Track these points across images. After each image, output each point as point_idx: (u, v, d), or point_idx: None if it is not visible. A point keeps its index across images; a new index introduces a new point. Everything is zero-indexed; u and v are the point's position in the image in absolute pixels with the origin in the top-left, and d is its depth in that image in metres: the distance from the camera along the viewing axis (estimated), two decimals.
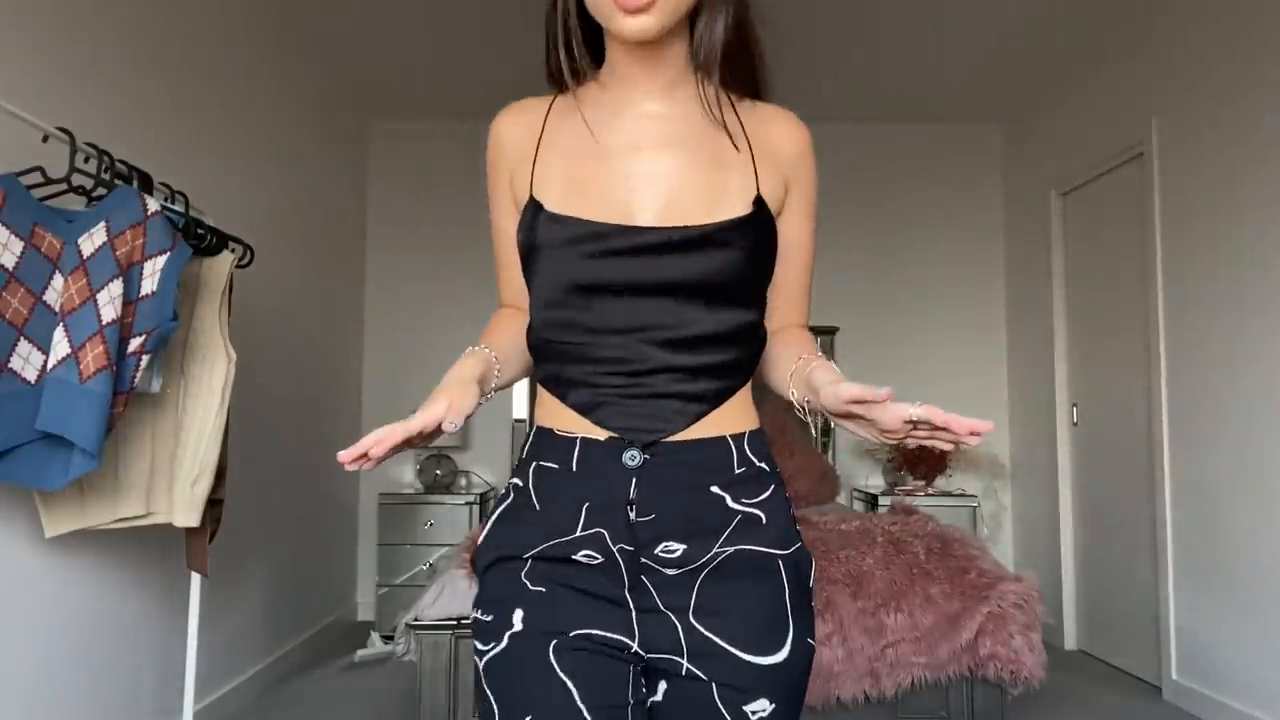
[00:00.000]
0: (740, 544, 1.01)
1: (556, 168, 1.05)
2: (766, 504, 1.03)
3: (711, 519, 1.00)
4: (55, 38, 2.38)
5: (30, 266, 1.97)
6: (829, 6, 3.85)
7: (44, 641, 2.32)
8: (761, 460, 1.05)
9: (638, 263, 1.00)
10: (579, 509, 1.00)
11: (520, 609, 0.99)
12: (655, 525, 0.99)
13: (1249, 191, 3.17)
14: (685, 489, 1.00)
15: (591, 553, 0.99)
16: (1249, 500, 3.14)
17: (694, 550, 1.00)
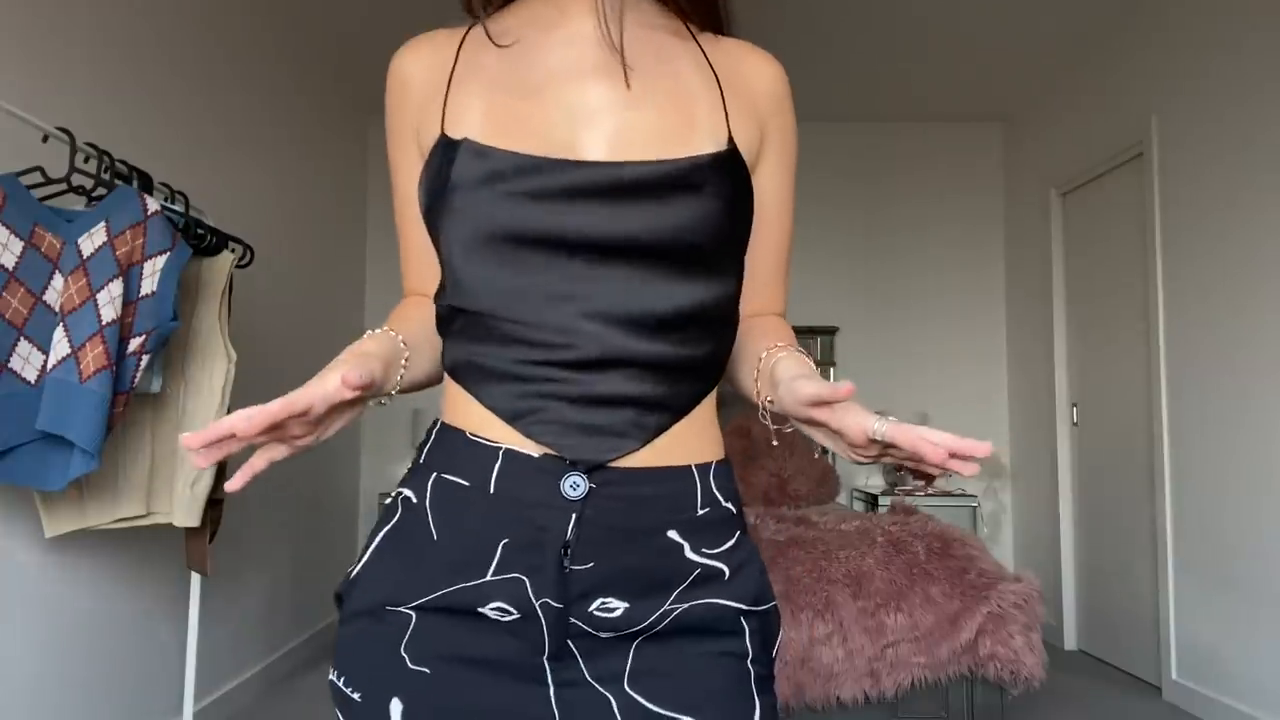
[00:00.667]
0: (699, 598, 0.79)
1: (475, 100, 0.81)
2: (731, 555, 0.81)
3: (664, 572, 0.78)
4: (55, 38, 2.38)
5: (30, 266, 1.97)
6: (829, 6, 3.85)
7: (44, 641, 2.32)
8: (728, 499, 0.83)
9: (585, 210, 0.76)
10: (494, 545, 0.76)
11: (398, 699, 0.76)
12: (593, 575, 0.76)
13: (1249, 191, 3.17)
14: (638, 532, 0.77)
15: (505, 606, 0.76)
16: (1249, 500, 3.14)
17: (637, 611, 0.77)
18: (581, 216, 0.76)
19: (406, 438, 4.98)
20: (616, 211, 0.76)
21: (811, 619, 2.63)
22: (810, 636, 2.61)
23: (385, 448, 5.05)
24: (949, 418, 4.90)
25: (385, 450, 5.05)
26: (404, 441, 5.00)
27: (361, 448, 5.05)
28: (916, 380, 5.03)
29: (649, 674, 0.77)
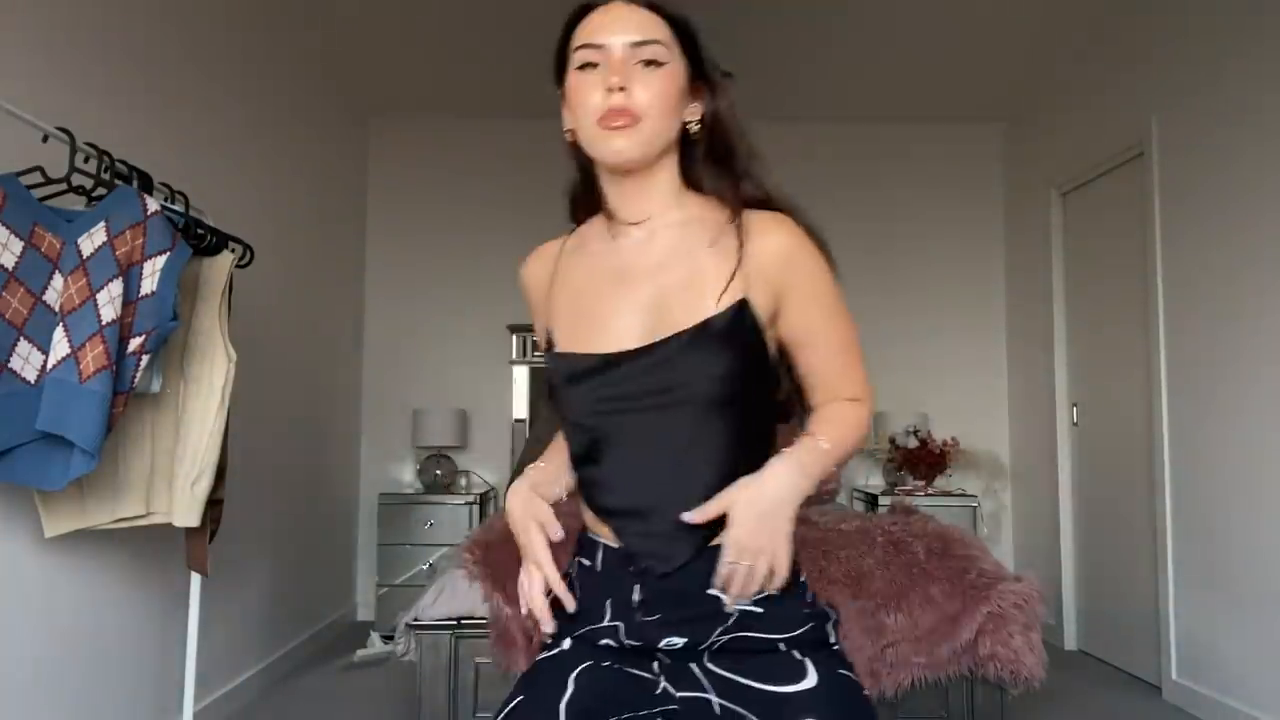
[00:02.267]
0: (738, 632, 1.10)
1: (564, 308, 1.19)
2: (767, 601, 1.10)
3: (709, 614, 1.10)
4: (55, 38, 2.38)
5: (30, 266, 1.97)
6: (829, 7, 3.85)
7: (44, 641, 2.32)
8: None
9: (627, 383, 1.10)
10: (604, 603, 1.15)
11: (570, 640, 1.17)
12: (659, 623, 1.11)
13: (1249, 191, 3.16)
14: (684, 593, 1.11)
15: (611, 641, 1.14)
16: (1249, 500, 3.14)
17: (695, 639, 1.11)
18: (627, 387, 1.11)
19: (406, 438, 4.98)
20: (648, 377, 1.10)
21: None
22: None
23: (385, 448, 5.05)
24: (949, 418, 4.89)
25: (385, 450, 5.05)
26: (404, 441, 5.00)
27: (361, 448, 5.04)
28: (916, 380, 5.02)
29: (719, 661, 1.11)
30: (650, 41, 1.11)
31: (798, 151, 5.11)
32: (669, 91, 1.12)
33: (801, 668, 1.08)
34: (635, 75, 1.10)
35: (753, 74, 4.64)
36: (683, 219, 1.16)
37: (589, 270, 1.18)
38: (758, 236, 1.12)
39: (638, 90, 1.09)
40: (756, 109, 5.83)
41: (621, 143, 1.09)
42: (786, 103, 4.92)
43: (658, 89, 1.10)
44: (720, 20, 3.98)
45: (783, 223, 1.15)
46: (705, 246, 1.13)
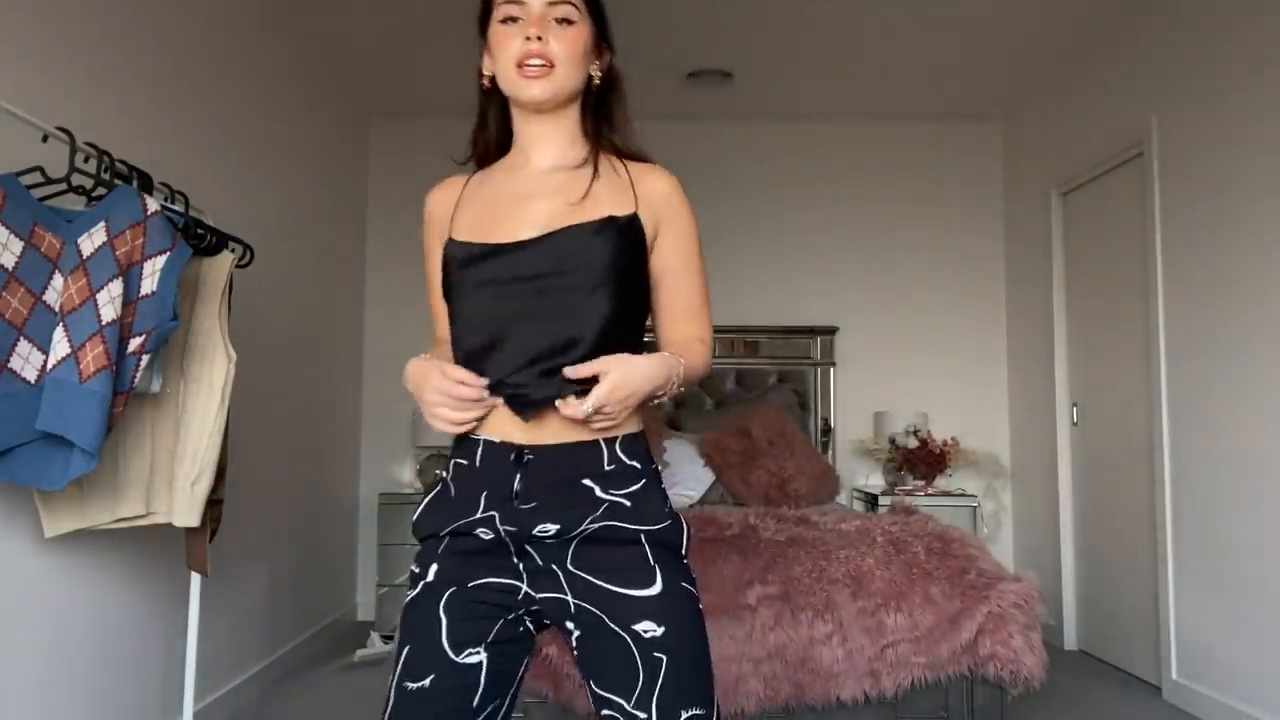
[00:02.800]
0: (606, 521, 1.23)
1: (467, 217, 1.35)
2: (635, 494, 1.26)
3: (582, 504, 1.24)
4: (55, 38, 2.38)
5: (30, 266, 1.97)
6: (828, 6, 3.85)
7: (44, 641, 2.32)
8: (634, 459, 1.27)
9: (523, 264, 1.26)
10: (479, 496, 1.26)
11: (435, 565, 1.28)
12: (534, 511, 1.23)
13: (1249, 191, 3.17)
14: (560, 482, 1.24)
15: (486, 530, 1.25)
16: (1249, 500, 3.14)
17: (566, 527, 1.23)
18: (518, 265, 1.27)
19: (406, 438, 4.98)
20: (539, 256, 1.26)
21: (811, 619, 2.63)
22: (810, 636, 2.61)
23: (385, 448, 5.05)
24: (949, 418, 4.89)
25: (385, 450, 5.05)
26: (404, 441, 5.00)
27: (361, 448, 5.04)
28: (916, 380, 5.02)
29: (580, 561, 1.24)
30: (563, 2, 1.31)
31: (797, 150, 5.11)
32: (577, 45, 1.32)
33: (652, 575, 1.23)
34: (550, 29, 1.30)
35: (752, 73, 4.66)
36: (579, 156, 1.37)
37: (495, 190, 1.37)
38: (646, 176, 1.35)
39: (552, 41, 1.29)
40: (756, 108, 5.84)
41: (537, 87, 1.30)
42: (786, 102, 4.92)
43: (569, 41, 1.31)
44: (720, 20, 3.98)
45: (668, 174, 1.37)
46: (599, 179, 1.34)
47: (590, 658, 1.24)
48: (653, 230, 1.33)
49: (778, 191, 5.06)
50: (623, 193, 1.32)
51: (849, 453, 5.01)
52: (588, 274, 1.24)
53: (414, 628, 1.26)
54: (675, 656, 1.20)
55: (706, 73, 4.49)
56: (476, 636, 1.24)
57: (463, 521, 1.26)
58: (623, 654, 1.20)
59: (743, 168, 5.08)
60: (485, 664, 1.24)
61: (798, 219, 5.09)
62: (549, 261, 1.25)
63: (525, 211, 1.31)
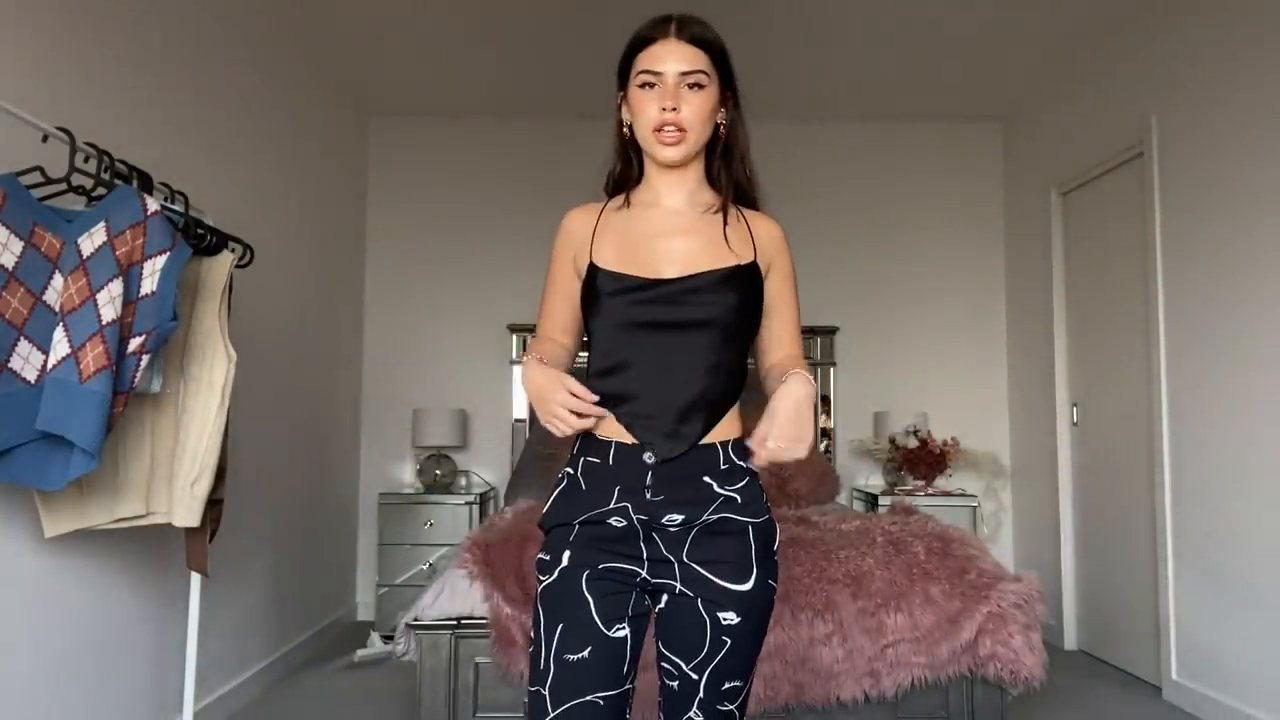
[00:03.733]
0: (723, 513, 1.45)
1: (609, 247, 1.52)
2: (742, 490, 1.47)
3: (703, 498, 1.45)
4: (55, 38, 2.38)
5: (30, 266, 1.97)
6: (829, 6, 3.85)
7: (44, 641, 2.32)
8: (740, 459, 1.48)
9: (664, 307, 1.45)
10: (613, 489, 1.45)
11: (568, 552, 1.45)
12: (664, 502, 1.44)
13: (1249, 191, 3.17)
14: (685, 479, 1.45)
15: (619, 518, 1.45)
16: (1249, 500, 3.14)
17: (690, 517, 1.44)
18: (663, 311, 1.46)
19: (406, 438, 4.98)
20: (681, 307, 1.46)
21: (811, 619, 2.63)
22: (810, 636, 2.61)
23: (385, 448, 5.05)
24: (949, 418, 4.89)
25: (385, 450, 5.05)
26: (404, 441, 5.00)
27: (361, 448, 5.04)
28: (916, 380, 5.02)
29: (696, 553, 1.45)
30: (696, 71, 1.48)
31: (797, 150, 5.11)
32: (706, 107, 1.50)
33: (749, 571, 1.44)
34: (684, 96, 1.47)
35: (752, 74, 4.64)
36: (705, 202, 1.56)
37: (632, 225, 1.54)
38: (761, 223, 1.58)
39: (685, 109, 1.47)
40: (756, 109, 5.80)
41: (672, 151, 1.49)
42: (786, 102, 4.92)
43: (699, 106, 1.48)
44: (720, 20, 3.97)
45: (777, 223, 1.61)
46: (721, 223, 1.54)
47: (669, 625, 1.46)
48: (765, 270, 1.54)
49: (777, 192, 4.98)
50: (744, 238, 1.53)
51: (849, 453, 5.01)
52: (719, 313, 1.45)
53: (561, 606, 1.42)
54: (739, 640, 1.43)
55: None
56: (620, 613, 1.43)
57: (597, 511, 1.45)
58: (699, 631, 1.43)
59: None
60: (629, 637, 1.44)
61: (798, 219, 5.05)
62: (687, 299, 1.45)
63: (662, 248, 1.50)
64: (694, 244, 1.50)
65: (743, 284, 1.48)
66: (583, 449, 1.50)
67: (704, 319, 1.45)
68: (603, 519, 1.45)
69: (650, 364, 1.45)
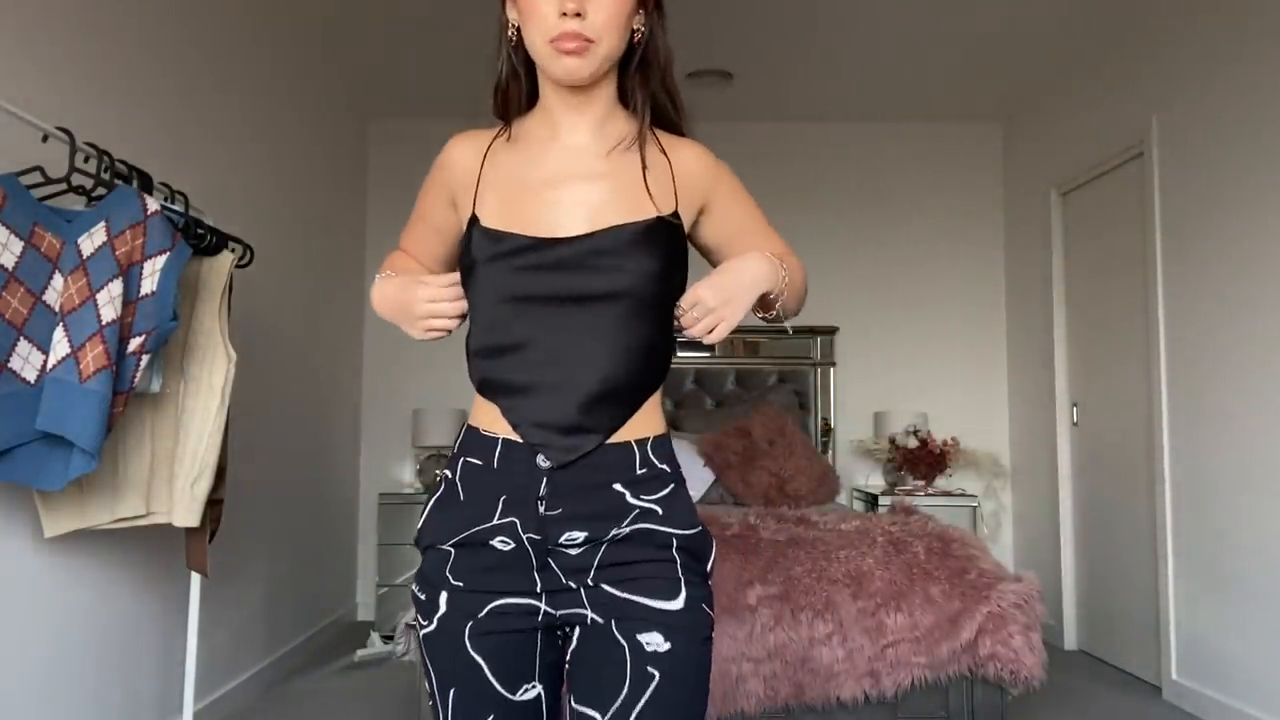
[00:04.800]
0: (638, 525, 1.14)
1: (494, 193, 1.19)
2: (665, 500, 1.16)
3: (612, 511, 1.14)
4: (55, 38, 2.38)
5: (30, 266, 1.97)
6: (829, 6, 3.85)
7: (44, 641, 2.32)
8: (663, 462, 1.18)
9: (560, 276, 1.13)
10: (496, 500, 1.15)
11: (445, 593, 1.15)
12: (561, 517, 1.13)
13: (1249, 191, 3.17)
14: (589, 487, 1.13)
15: (505, 538, 1.14)
16: (1249, 500, 3.14)
17: (594, 534, 1.13)
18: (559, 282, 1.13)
19: (406, 438, 4.98)
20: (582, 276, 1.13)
21: (811, 619, 2.62)
22: (810, 636, 2.61)
23: (385, 448, 5.05)
24: (949, 418, 4.89)
25: (385, 450, 5.05)
26: (404, 441, 5.00)
27: (361, 448, 5.04)
28: (916, 380, 5.02)
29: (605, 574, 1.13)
30: None
31: (797, 150, 5.11)
32: (622, 10, 1.14)
33: (677, 588, 1.13)
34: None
35: (752, 74, 4.66)
36: (617, 132, 1.22)
37: (524, 164, 1.20)
38: (685, 156, 1.23)
39: (592, 12, 1.11)
40: (756, 108, 5.83)
41: (574, 63, 1.13)
42: (786, 102, 4.92)
43: (610, 9, 1.12)
44: (720, 20, 3.98)
45: (700, 147, 1.26)
46: (636, 159, 1.20)
47: (578, 667, 1.14)
48: (693, 216, 1.23)
49: (777, 191, 5.05)
50: (665, 180, 1.20)
51: (849, 453, 5.00)
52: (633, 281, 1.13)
53: (449, 669, 1.15)
54: (671, 677, 1.09)
55: (706, 73, 4.49)
56: (524, 668, 1.14)
57: (478, 529, 1.14)
58: (615, 663, 1.10)
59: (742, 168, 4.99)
60: (542, 694, 1.16)
61: (798, 219, 5.08)
62: (589, 266, 1.13)
63: (560, 199, 1.16)
64: (600, 191, 1.16)
65: (664, 241, 1.16)
66: (463, 445, 1.19)
67: (612, 290, 1.12)
68: (484, 539, 1.13)
69: (542, 346, 1.13)
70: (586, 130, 1.21)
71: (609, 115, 1.22)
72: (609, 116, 1.22)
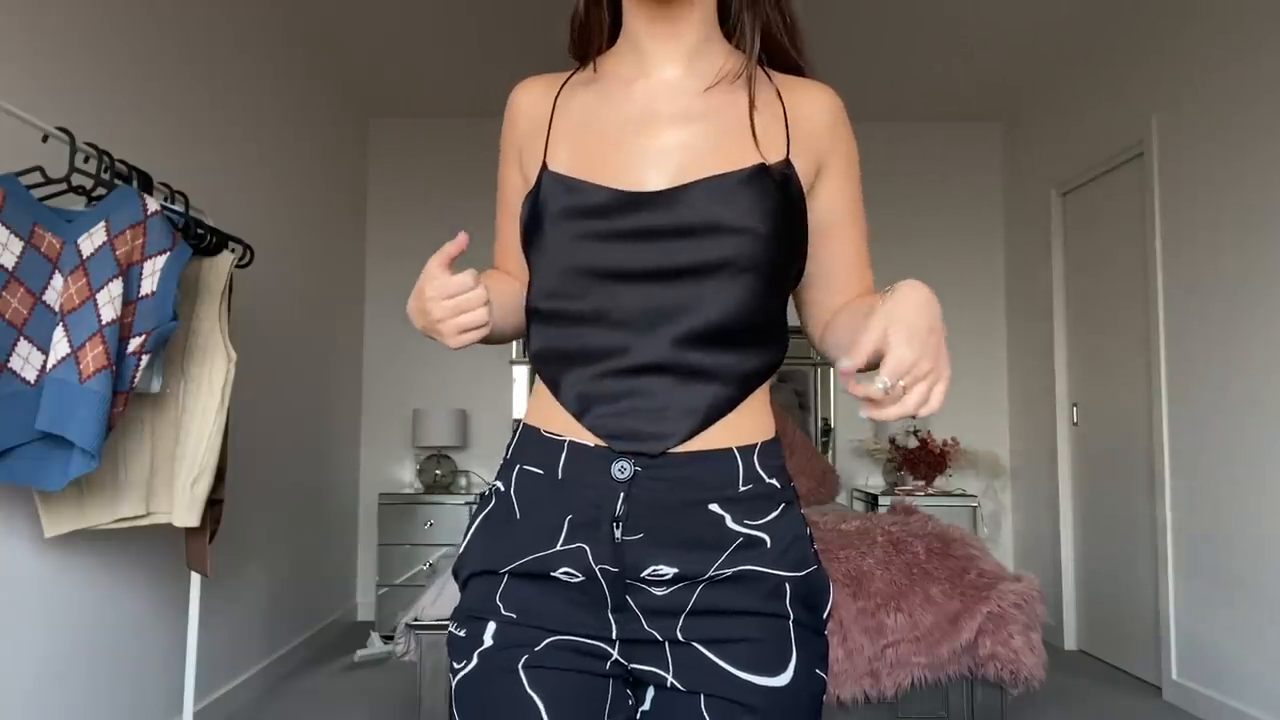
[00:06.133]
0: (741, 565, 0.90)
1: (568, 140, 0.98)
2: (774, 525, 0.92)
3: (708, 540, 0.90)
4: (55, 38, 2.38)
5: (30, 266, 1.97)
6: (829, 7, 3.85)
7: (44, 641, 2.32)
8: (772, 476, 0.93)
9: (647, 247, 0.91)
10: (562, 520, 0.91)
11: (493, 625, 0.92)
12: (643, 545, 0.89)
13: (1249, 191, 3.17)
14: (678, 507, 0.89)
15: (571, 570, 0.90)
16: (1249, 500, 3.14)
17: (687, 571, 0.89)
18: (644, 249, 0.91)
19: (407, 438, 4.98)
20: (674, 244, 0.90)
21: None
22: None
23: (385, 448, 5.05)
24: (949, 418, 4.89)
25: (385, 450, 5.05)
26: (404, 441, 5.00)
27: (361, 448, 5.05)
28: None
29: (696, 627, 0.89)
30: None
31: None
32: None
33: (786, 656, 0.90)
34: None
35: None
36: (717, 66, 1.00)
37: (604, 107, 0.99)
38: (804, 98, 0.99)
39: None
40: None
41: None
42: None
43: None
44: None
45: (829, 91, 1.01)
46: (742, 98, 0.97)
47: None
48: (812, 174, 0.97)
49: None
50: (778, 123, 0.96)
51: (849, 453, 5.01)
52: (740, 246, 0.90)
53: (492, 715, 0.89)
54: None
55: None
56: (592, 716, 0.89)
57: (537, 555, 0.91)
58: None
59: None
60: None
61: None
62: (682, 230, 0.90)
63: (647, 145, 0.95)
64: (696, 135, 0.95)
65: (774, 194, 0.92)
66: (519, 451, 0.97)
67: (709, 260, 0.90)
68: (545, 570, 0.91)
69: (621, 321, 0.91)
70: (680, 63, 0.99)
71: (707, 45, 1.00)
72: (707, 47, 1.00)
